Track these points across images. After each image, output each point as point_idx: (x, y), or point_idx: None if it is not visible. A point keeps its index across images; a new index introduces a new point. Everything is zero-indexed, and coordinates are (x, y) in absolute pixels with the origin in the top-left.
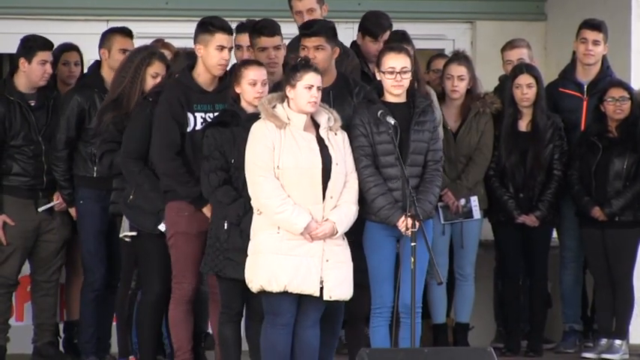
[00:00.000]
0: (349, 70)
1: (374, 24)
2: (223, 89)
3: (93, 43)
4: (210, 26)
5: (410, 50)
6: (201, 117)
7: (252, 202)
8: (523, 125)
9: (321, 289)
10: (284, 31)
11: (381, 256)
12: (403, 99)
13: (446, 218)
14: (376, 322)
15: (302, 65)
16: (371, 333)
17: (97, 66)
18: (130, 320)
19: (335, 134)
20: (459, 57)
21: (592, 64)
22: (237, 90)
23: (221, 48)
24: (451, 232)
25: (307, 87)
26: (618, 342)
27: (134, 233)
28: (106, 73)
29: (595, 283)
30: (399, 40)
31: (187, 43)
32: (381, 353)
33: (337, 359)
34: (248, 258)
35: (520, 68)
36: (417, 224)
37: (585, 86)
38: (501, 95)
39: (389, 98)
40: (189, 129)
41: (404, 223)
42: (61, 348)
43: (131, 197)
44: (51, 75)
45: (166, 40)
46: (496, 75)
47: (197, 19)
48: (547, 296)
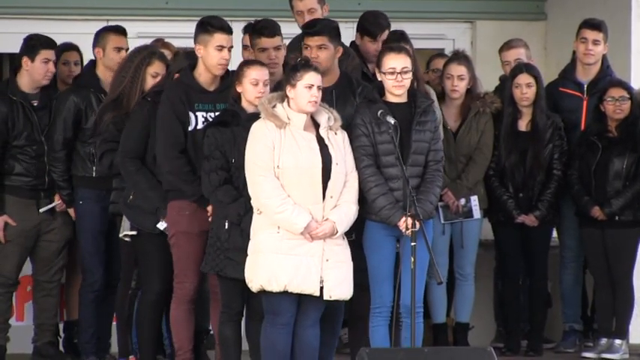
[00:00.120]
0: (349, 70)
1: (372, 24)
2: (225, 89)
3: None
4: (209, 26)
5: (410, 50)
6: (202, 116)
7: (252, 202)
8: (523, 125)
9: (321, 289)
10: (284, 31)
11: (381, 256)
12: (404, 99)
13: (446, 218)
14: (376, 322)
15: (302, 65)
16: (370, 333)
17: (92, 65)
18: (130, 320)
19: (335, 134)
20: (459, 57)
21: (592, 64)
22: (238, 89)
23: (220, 48)
24: (451, 232)
25: (308, 86)
26: (618, 342)
27: (135, 232)
28: (102, 72)
29: (595, 283)
30: (398, 40)
31: (187, 43)
32: (381, 353)
33: (337, 359)
34: (248, 257)
35: (519, 68)
36: (417, 224)
37: (585, 86)
38: (501, 95)
39: (390, 98)
40: (190, 128)
41: (404, 223)
42: (61, 348)
43: (131, 197)
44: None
45: (166, 40)
46: (496, 75)
47: (197, 19)
48: (547, 296)
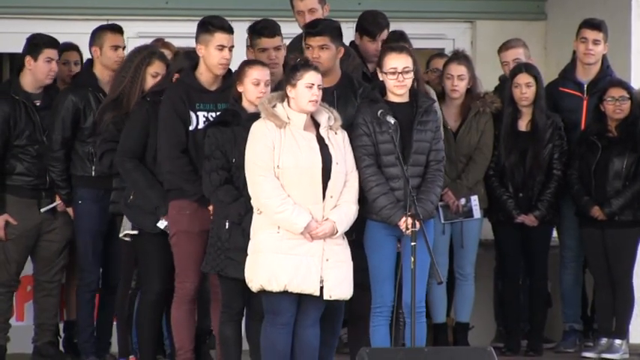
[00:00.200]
0: (350, 70)
1: (371, 23)
2: (226, 88)
3: None
4: (210, 26)
5: (410, 49)
6: (203, 116)
7: (252, 202)
8: (523, 125)
9: (321, 289)
10: (285, 31)
11: (382, 256)
12: (406, 99)
13: (446, 218)
14: (376, 322)
15: (302, 64)
16: (371, 332)
17: (90, 65)
18: (130, 320)
19: (335, 133)
20: (459, 56)
21: (592, 64)
22: (239, 89)
23: (221, 47)
24: (451, 232)
25: (308, 86)
26: (618, 341)
27: (136, 232)
28: (99, 71)
29: (595, 283)
30: (397, 40)
31: (187, 43)
32: (381, 353)
33: (337, 359)
34: (248, 257)
35: (519, 68)
36: (418, 224)
37: (585, 86)
38: (501, 95)
39: (392, 98)
40: (191, 128)
41: (405, 223)
42: (61, 348)
43: (131, 197)
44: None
45: (166, 40)
46: (496, 75)
47: (197, 19)
48: (547, 296)
